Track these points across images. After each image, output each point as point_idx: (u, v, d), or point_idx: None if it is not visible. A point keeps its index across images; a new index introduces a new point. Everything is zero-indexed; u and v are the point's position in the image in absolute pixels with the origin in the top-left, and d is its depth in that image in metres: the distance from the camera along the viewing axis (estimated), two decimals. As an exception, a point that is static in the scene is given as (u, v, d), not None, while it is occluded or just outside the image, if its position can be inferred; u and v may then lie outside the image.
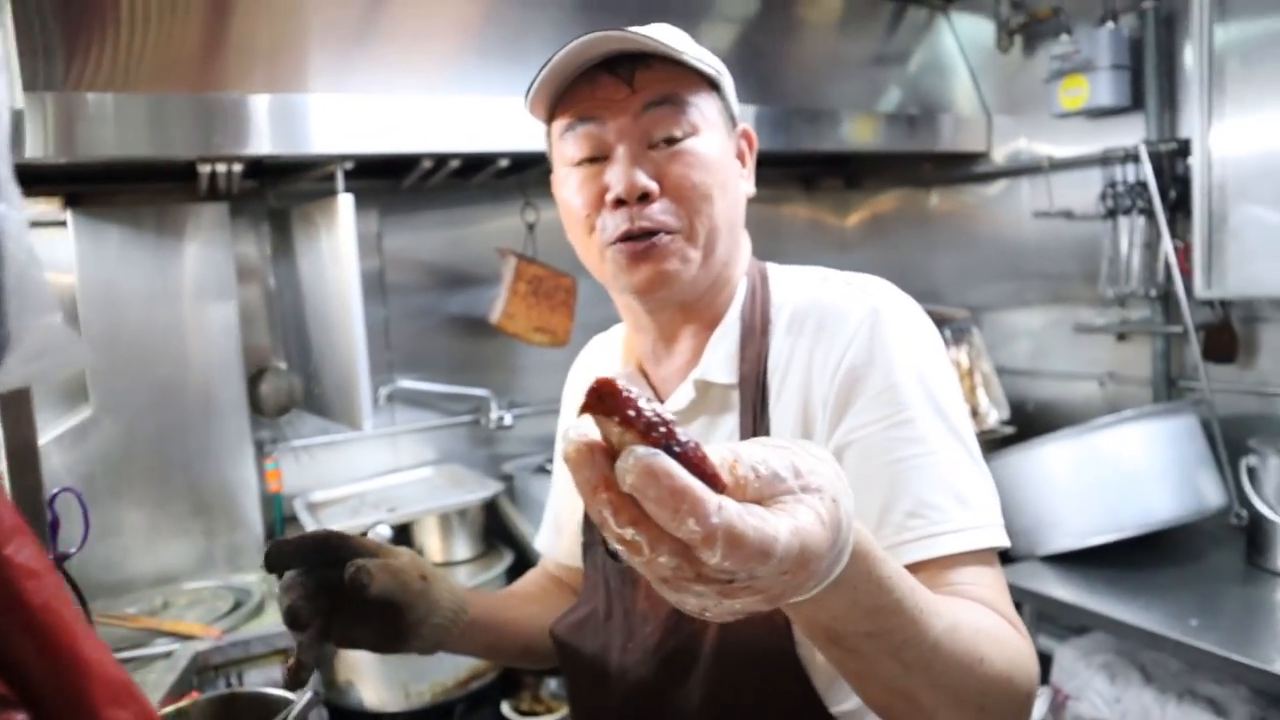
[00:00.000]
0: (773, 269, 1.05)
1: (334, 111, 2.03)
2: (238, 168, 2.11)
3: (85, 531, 1.16)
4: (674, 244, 0.92)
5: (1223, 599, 2.06)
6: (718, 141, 0.95)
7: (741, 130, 1.02)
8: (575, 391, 1.23)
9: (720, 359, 0.97)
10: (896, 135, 2.88)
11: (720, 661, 0.91)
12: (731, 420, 0.96)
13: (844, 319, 0.91)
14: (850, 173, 3.55)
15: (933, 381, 0.88)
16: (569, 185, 0.96)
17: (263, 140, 1.98)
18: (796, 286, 1.00)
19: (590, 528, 1.09)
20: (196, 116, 1.92)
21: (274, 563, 0.93)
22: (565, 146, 0.95)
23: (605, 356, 1.17)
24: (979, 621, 0.74)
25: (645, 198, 0.91)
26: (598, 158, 0.93)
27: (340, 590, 0.91)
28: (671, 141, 0.92)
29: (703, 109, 0.94)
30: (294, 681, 0.94)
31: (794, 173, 3.48)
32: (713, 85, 0.97)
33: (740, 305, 0.99)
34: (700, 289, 0.97)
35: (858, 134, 2.81)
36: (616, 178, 0.91)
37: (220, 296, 2.44)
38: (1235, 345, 2.42)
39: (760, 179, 1.05)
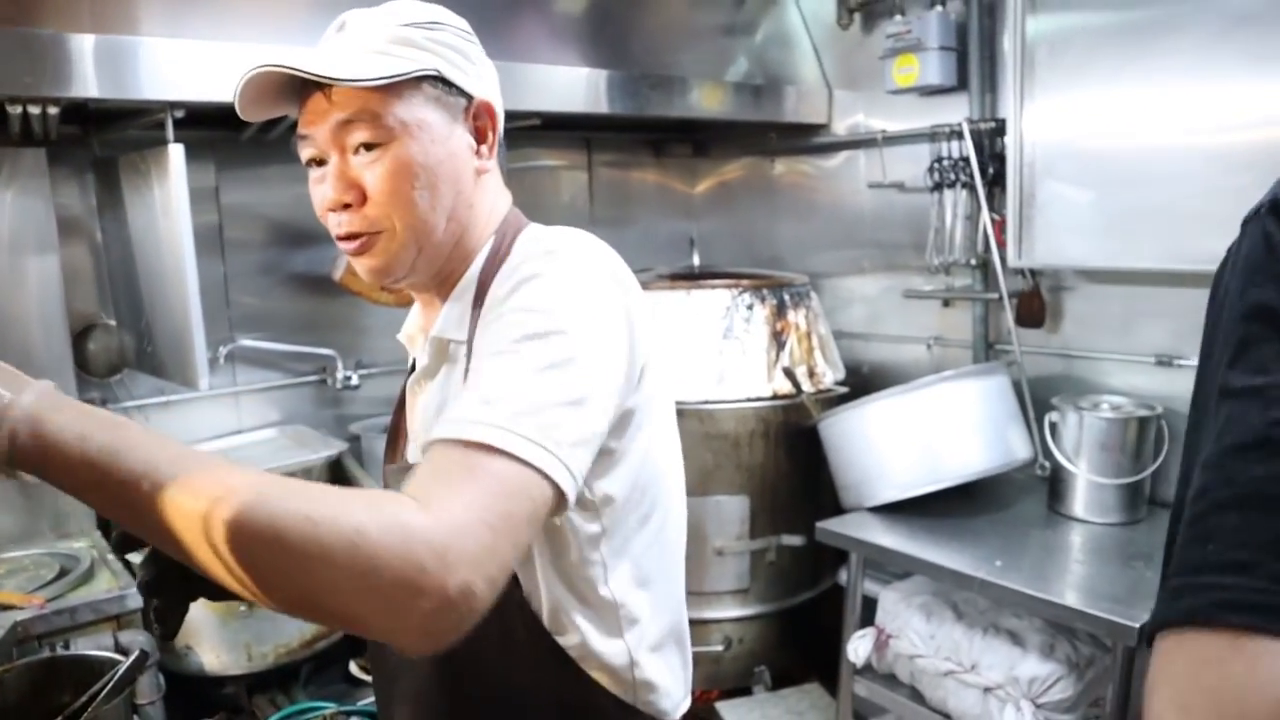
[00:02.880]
0: (531, 229, 1.07)
1: (165, 55, 1.94)
2: (55, 110, 1.98)
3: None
4: (380, 242, 0.99)
5: (1025, 542, 2.26)
6: (425, 140, 0.97)
7: (481, 104, 1.02)
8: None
9: (454, 318, 1.03)
10: (743, 104, 2.97)
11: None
12: (460, 370, 1.01)
13: (522, 262, 0.95)
14: (698, 140, 3.64)
15: (562, 315, 0.87)
16: (310, 183, 1.03)
17: (86, 82, 1.87)
18: (526, 243, 1.03)
19: (393, 477, 1.14)
20: (9, 52, 1.79)
21: (124, 543, 1.01)
22: (299, 149, 1.01)
23: (414, 318, 1.20)
24: (341, 495, 0.71)
25: (349, 205, 0.97)
26: (320, 162, 0.99)
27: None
28: (371, 147, 0.96)
29: (402, 113, 0.95)
30: (167, 633, 1.07)
31: (643, 139, 3.53)
32: (422, 79, 0.97)
33: (478, 267, 1.04)
34: (434, 268, 1.03)
35: (705, 101, 2.88)
36: (324, 189, 0.98)
37: (39, 249, 2.29)
38: (1043, 311, 2.63)
39: (610, 144, 1.07)
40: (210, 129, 2.51)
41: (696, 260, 3.70)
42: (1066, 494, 2.39)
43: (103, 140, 2.41)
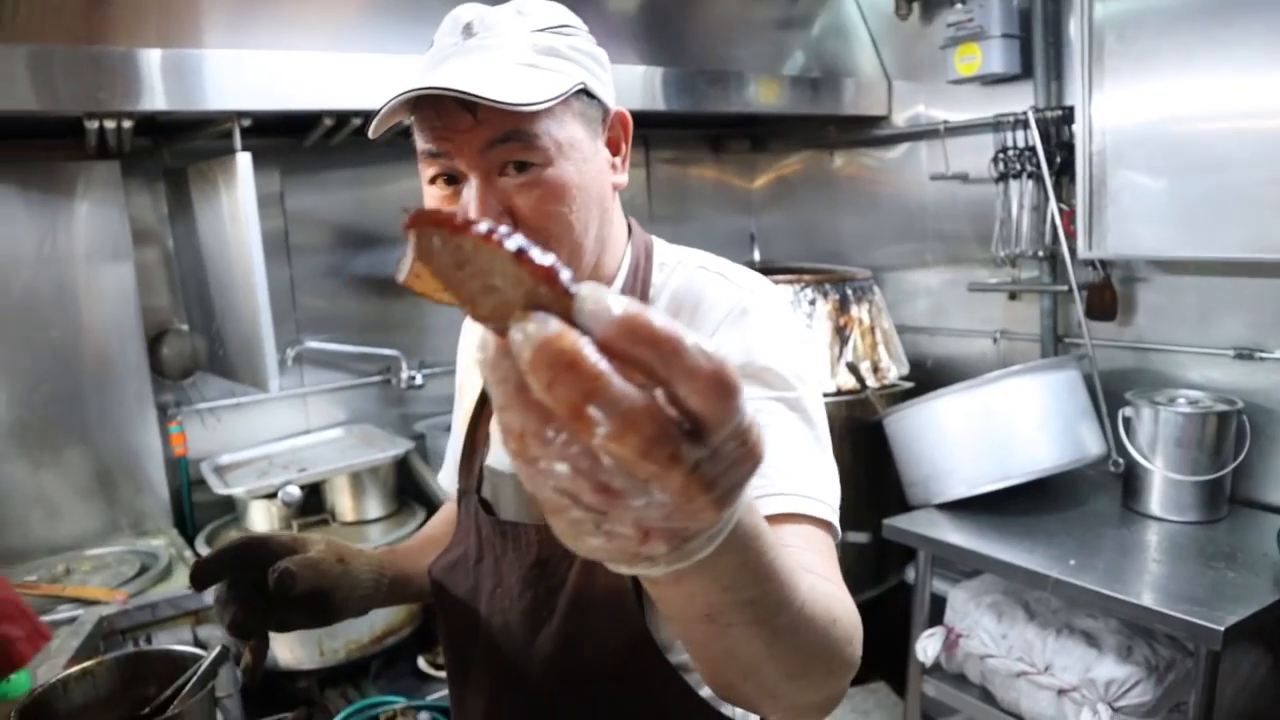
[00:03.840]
0: (659, 247, 1.06)
1: (230, 67, 1.98)
2: (128, 124, 2.04)
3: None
4: None
5: (1100, 540, 2.20)
6: (576, 159, 0.91)
7: (616, 115, 0.99)
8: (466, 343, 1.26)
9: None
10: (800, 98, 2.94)
11: (573, 619, 0.97)
12: None
13: (714, 308, 0.95)
14: (756, 135, 3.61)
15: (789, 372, 0.90)
16: (429, 199, 0.96)
17: (155, 96, 1.92)
18: (677, 271, 1.03)
19: (467, 474, 1.13)
20: (82, 70, 1.85)
21: (200, 581, 1.01)
22: (421, 163, 0.94)
23: None
24: (826, 585, 0.74)
25: None
26: (451, 179, 0.92)
27: (267, 587, 0.99)
28: (523, 167, 0.89)
29: (555, 132, 0.89)
30: (252, 679, 1.04)
31: (701, 135, 3.52)
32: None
33: (620, 285, 1.01)
34: None
35: (762, 96, 2.85)
36: (469, 214, 0.89)
37: (115, 257, 2.37)
38: (1115, 303, 2.56)
39: (667, 141, 1.05)
40: (275, 136, 2.56)
41: (757, 256, 3.67)
42: (1142, 491, 2.32)
43: (173, 151, 2.47)
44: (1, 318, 2.23)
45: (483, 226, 0.38)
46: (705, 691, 0.96)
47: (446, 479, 1.31)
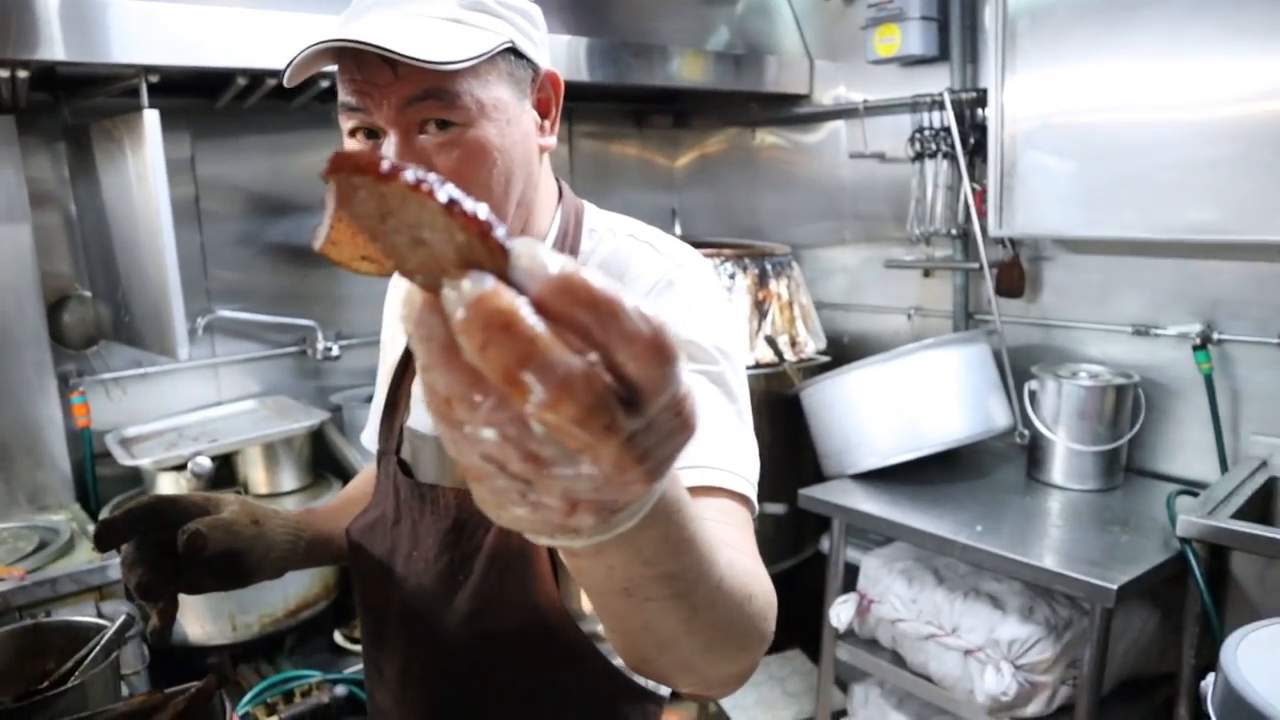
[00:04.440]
0: (590, 212, 1.05)
1: (137, 17, 1.90)
2: (24, 75, 1.94)
3: None
4: None
5: (1005, 508, 2.29)
6: (500, 120, 0.88)
7: (546, 75, 0.96)
8: (389, 305, 1.24)
9: None
10: (724, 74, 2.96)
11: (487, 583, 0.97)
12: None
13: (639, 278, 0.94)
14: (679, 111, 3.62)
15: (712, 345, 0.89)
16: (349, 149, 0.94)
17: (54, 45, 1.82)
18: (605, 238, 1.02)
19: (387, 435, 1.12)
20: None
21: (105, 541, 0.97)
22: (340, 115, 0.91)
23: None
24: (744, 560, 0.74)
25: None
26: (371, 133, 0.89)
27: (176, 549, 0.96)
28: (444, 125, 0.86)
29: (478, 92, 0.86)
30: (159, 641, 1.01)
31: (624, 109, 3.51)
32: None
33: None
34: None
35: (686, 71, 2.86)
36: None
37: (10, 219, 2.26)
38: (1023, 281, 2.65)
39: (591, 115, 1.02)
40: (185, 97, 2.46)
41: (678, 232, 3.69)
42: (1045, 461, 2.42)
43: (74, 108, 2.36)
44: (-114, 281, 2.11)
45: (410, 175, 0.35)
46: (618, 660, 0.97)
47: (368, 438, 1.30)
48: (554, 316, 0.35)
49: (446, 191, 0.36)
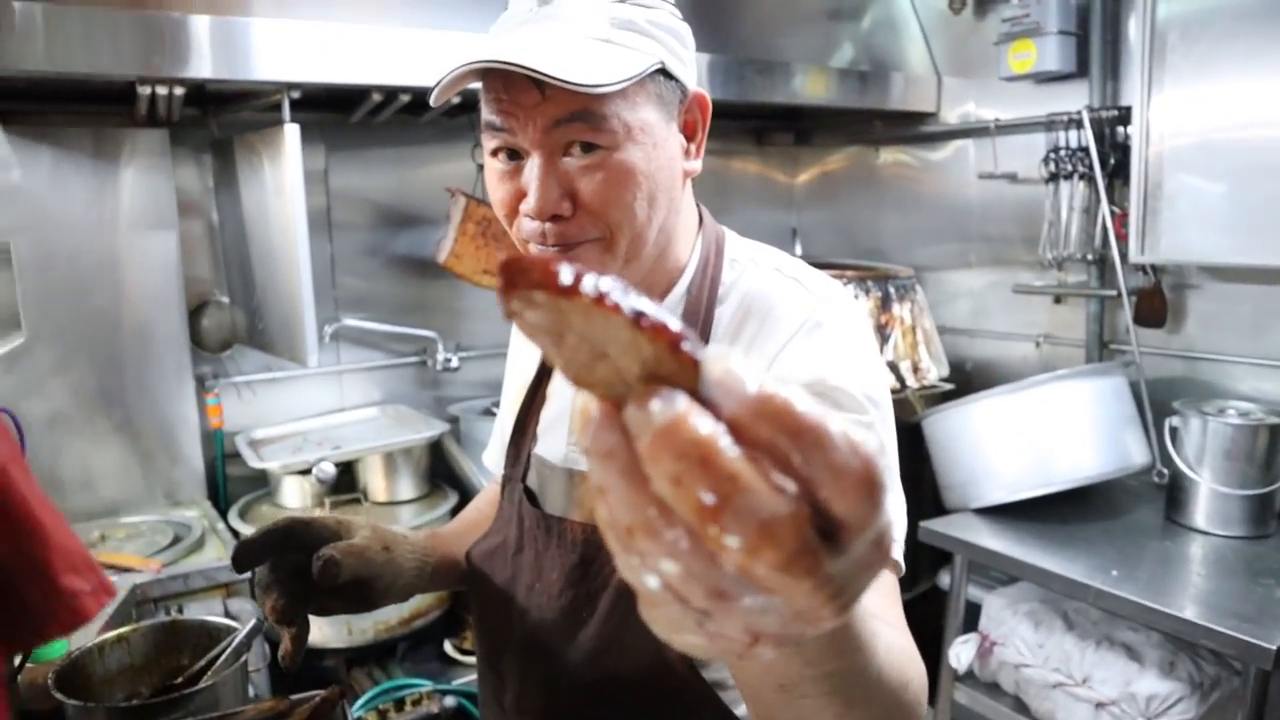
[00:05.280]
0: (730, 241, 1.02)
1: (280, 37, 1.97)
2: (179, 92, 2.04)
3: (22, 450, 1.12)
4: (590, 253, 0.87)
5: (1142, 552, 2.15)
6: (647, 144, 0.86)
7: (695, 97, 0.92)
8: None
9: None
10: (848, 91, 2.90)
11: (610, 624, 0.94)
12: None
13: (785, 317, 0.90)
14: (800, 129, 3.57)
15: (862, 394, 0.86)
16: (490, 172, 0.91)
17: (204, 64, 1.91)
18: (749, 271, 0.98)
19: (513, 460, 1.10)
20: (135, 34, 1.85)
21: (243, 563, 0.98)
22: (484, 134, 0.89)
23: None
24: (899, 640, 0.69)
25: (559, 216, 0.85)
26: (513, 154, 0.87)
27: (309, 571, 0.97)
28: (588, 148, 0.84)
29: (626, 114, 0.84)
30: (290, 665, 1.01)
31: (745, 127, 3.48)
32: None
33: (689, 280, 0.97)
34: (634, 280, 0.93)
35: (809, 88, 2.81)
36: (529, 195, 0.85)
37: (160, 226, 2.37)
38: (1165, 310, 2.50)
39: (711, 132, 0.96)
40: (321, 111, 2.55)
41: (799, 252, 3.63)
42: (1187, 503, 2.27)
43: (220, 122, 2.47)
44: (46, 283, 2.24)
45: (591, 287, 0.32)
46: (741, 710, 0.93)
47: (491, 459, 1.29)
48: (751, 441, 0.32)
49: (631, 303, 0.32)
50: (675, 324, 0.33)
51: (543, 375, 1.10)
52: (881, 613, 0.70)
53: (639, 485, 0.32)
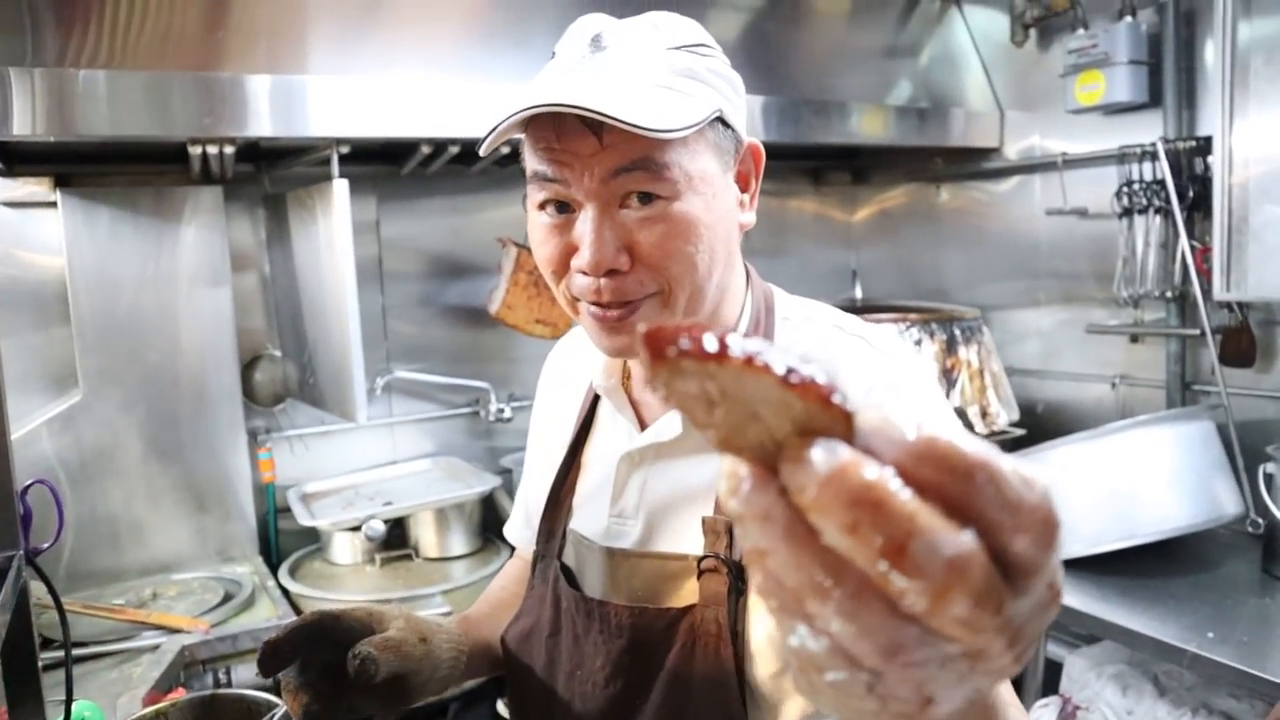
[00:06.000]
0: (780, 299, 0.97)
1: (332, 93, 1.98)
2: (230, 150, 2.05)
3: (60, 525, 1.10)
4: (649, 309, 0.83)
5: (1239, 610, 2.00)
6: (706, 194, 0.82)
7: (749, 147, 0.89)
8: (548, 388, 1.17)
9: None
10: (906, 129, 2.82)
11: (665, 713, 0.88)
12: (715, 461, 0.90)
13: (854, 381, 0.85)
14: (858, 167, 3.49)
15: None
16: (535, 226, 0.86)
17: (261, 121, 1.92)
18: (805, 329, 0.93)
19: (547, 537, 1.03)
20: (192, 96, 1.87)
21: (270, 665, 0.90)
22: (530, 185, 0.85)
23: (583, 356, 1.08)
24: (1019, 709, 0.66)
25: (614, 271, 0.81)
26: (563, 206, 0.83)
27: (341, 668, 0.90)
28: (646, 199, 0.80)
29: (687, 163, 0.80)
30: None
31: (801, 166, 3.42)
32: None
33: None
34: None
35: (867, 127, 2.75)
36: (583, 249, 0.81)
37: (215, 282, 2.39)
38: (1253, 349, 2.36)
39: (767, 172, 0.93)
40: (372, 164, 2.56)
41: (859, 293, 3.54)
42: (1286, 556, 2.11)
43: (273, 177, 2.49)
44: (105, 338, 2.26)
45: (739, 350, 0.31)
46: None
47: (514, 532, 1.23)
48: (920, 485, 0.30)
49: (780, 360, 0.32)
50: (824, 377, 0.32)
51: (579, 442, 1.04)
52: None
53: (804, 543, 0.31)
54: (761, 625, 0.85)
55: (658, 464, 0.95)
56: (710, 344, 0.31)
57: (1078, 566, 2.22)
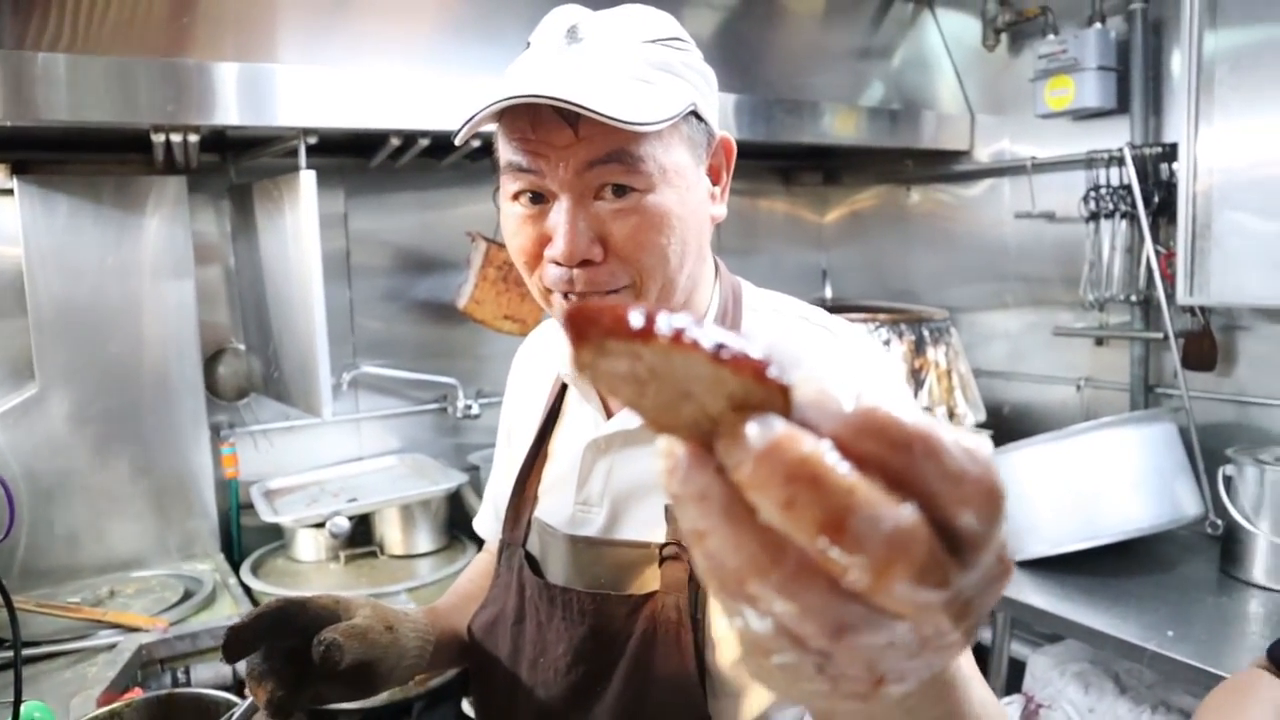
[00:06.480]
0: (747, 291, 0.98)
1: (301, 83, 1.95)
2: (195, 138, 2.02)
3: (10, 521, 1.07)
4: (621, 300, 0.84)
5: (1197, 609, 2.03)
6: (680, 186, 0.84)
7: (720, 141, 0.91)
8: (517, 382, 1.16)
9: None
10: (878, 130, 2.83)
11: (626, 698, 0.89)
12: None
13: (818, 367, 0.87)
14: (829, 168, 3.51)
15: None
16: (509, 216, 0.86)
17: (227, 110, 1.89)
18: (773, 319, 0.95)
19: (512, 526, 1.03)
20: (157, 82, 1.83)
21: (234, 651, 0.88)
22: (504, 176, 0.85)
23: (551, 348, 1.10)
24: (985, 689, 0.65)
25: (588, 261, 0.82)
26: (537, 196, 0.84)
27: (307, 656, 0.88)
28: (621, 191, 0.81)
29: (661, 156, 0.81)
30: None
31: (772, 166, 3.43)
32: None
33: None
34: None
35: (839, 127, 2.75)
36: (556, 239, 0.81)
37: (177, 274, 2.34)
38: (1215, 353, 2.39)
39: (738, 172, 0.95)
40: (341, 156, 2.53)
41: (828, 293, 3.56)
42: (1244, 556, 2.14)
43: (239, 168, 2.45)
44: (64, 330, 2.21)
45: (665, 327, 0.30)
46: None
47: (483, 526, 1.23)
48: (858, 458, 0.29)
49: (709, 337, 0.30)
50: (758, 350, 0.31)
51: (546, 431, 1.04)
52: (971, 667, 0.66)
53: (743, 521, 0.30)
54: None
55: (624, 451, 0.95)
56: (636, 321, 0.30)
57: (1041, 566, 2.24)
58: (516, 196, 0.84)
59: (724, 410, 0.31)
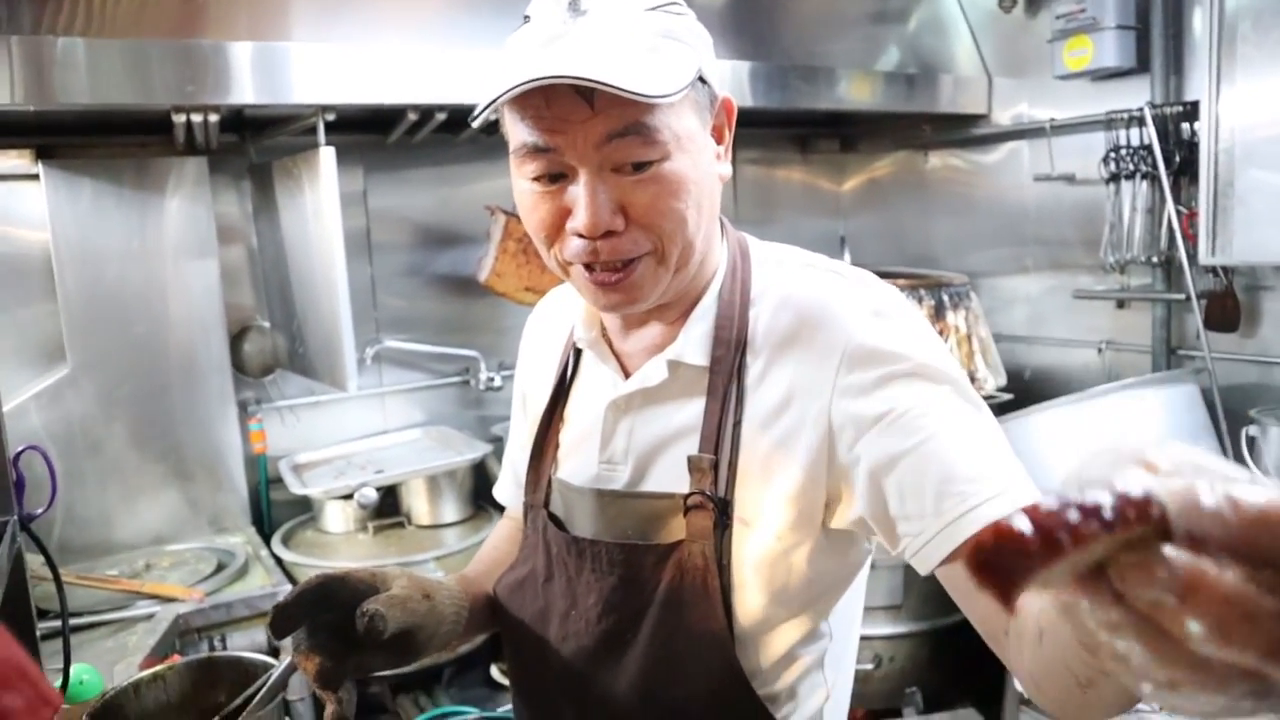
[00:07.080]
0: (753, 245, 1.00)
1: (316, 60, 1.96)
2: (214, 118, 2.04)
3: (53, 491, 1.10)
4: (643, 268, 0.86)
5: (1219, 569, 2.04)
6: (693, 151, 0.85)
7: (721, 102, 0.91)
8: (529, 350, 1.18)
9: (695, 339, 0.93)
10: (895, 95, 2.82)
11: (657, 643, 0.91)
12: (698, 404, 0.92)
13: (844, 313, 0.88)
14: (846, 135, 3.49)
15: (943, 364, 0.85)
16: (524, 193, 0.88)
17: (244, 89, 1.91)
18: (779, 271, 0.96)
19: (534, 487, 1.05)
20: (174, 63, 1.85)
21: (281, 628, 0.90)
22: (518, 158, 0.85)
23: (563, 314, 1.11)
24: None
25: (610, 232, 0.83)
26: (556, 175, 0.84)
27: (349, 629, 0.90)
28: (640, 166, 0.82)
29: (674, 124, 0.82)
30: None
31: (789, 134, 3.41)
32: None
33: (719, 285, 0.95)
34: (678, 290, 0.93)
35: (855, 93, 2.74)
36: (579, 212, 0.82)
37: (201, 254, 2.37)
38: (1237, 313, 2.38)
39: (754, 140, 0.97)
40: (359, 133, 2.54)
41: (848, 259, 3.55)
42: (1267, 517, 2.14)
43: (258, 147, 2.47)
44: (90, 312, 2.25)
45: (1064, 536, 0.32)
46: None
47: (504, 492, 1.25)
48: (1257, 559, 0.31)
49: (1104, 513, 0.32)
50: (1137, 491, 0.32)
51: (561, 395, 1.06)
52: None
53: (1173, 642, 0.33)
54: (747, 557, 0.89)
55: (645, 410, 0.97)
56: (1029, 541, 0.32)
57: (1063, 529, 2.25)
58: (536, 179, 0.85)
59: (1116, 554, 0.33)
